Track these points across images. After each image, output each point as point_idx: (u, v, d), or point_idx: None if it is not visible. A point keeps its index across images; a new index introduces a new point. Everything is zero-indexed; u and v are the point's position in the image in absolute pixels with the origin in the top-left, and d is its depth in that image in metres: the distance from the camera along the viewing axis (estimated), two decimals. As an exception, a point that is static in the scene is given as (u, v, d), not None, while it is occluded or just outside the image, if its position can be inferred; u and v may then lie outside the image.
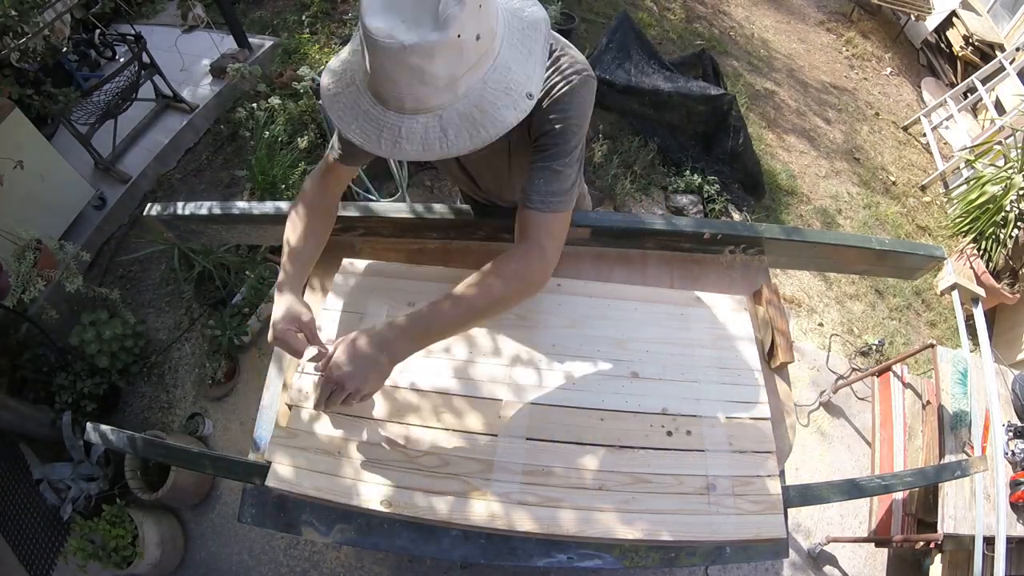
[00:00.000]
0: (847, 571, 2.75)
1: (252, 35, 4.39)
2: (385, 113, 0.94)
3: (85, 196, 3.39)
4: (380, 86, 0.92)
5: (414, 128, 0.93)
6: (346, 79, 0.99)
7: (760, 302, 1.60)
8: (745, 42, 5.33)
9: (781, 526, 1.18)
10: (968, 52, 5.22)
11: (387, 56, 0.86)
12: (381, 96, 0.94)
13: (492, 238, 1.59)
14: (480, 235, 1.59)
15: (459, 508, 1.14)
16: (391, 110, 0.94)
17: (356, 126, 0.96)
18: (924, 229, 4.22)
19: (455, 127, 0.93)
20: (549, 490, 1.17)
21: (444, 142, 0.94)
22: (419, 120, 0.93)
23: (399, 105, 0.93)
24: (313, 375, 1.31)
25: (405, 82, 0.90)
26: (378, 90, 0.93)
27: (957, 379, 2.59)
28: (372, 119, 0.95)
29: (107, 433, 1.27)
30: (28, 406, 2.71)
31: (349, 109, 0.97)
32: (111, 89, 3.49)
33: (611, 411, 1.28)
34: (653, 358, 1.31)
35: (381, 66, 0.88)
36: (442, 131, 0.93)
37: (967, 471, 1.46)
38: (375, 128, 0.95)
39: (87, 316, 2.78)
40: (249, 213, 1.58)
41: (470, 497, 1.15)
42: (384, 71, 0.89)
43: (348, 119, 0.97)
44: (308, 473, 1.17)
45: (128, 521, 2.44)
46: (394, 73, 0.89)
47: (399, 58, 0.86)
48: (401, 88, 0.90)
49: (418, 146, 0.94)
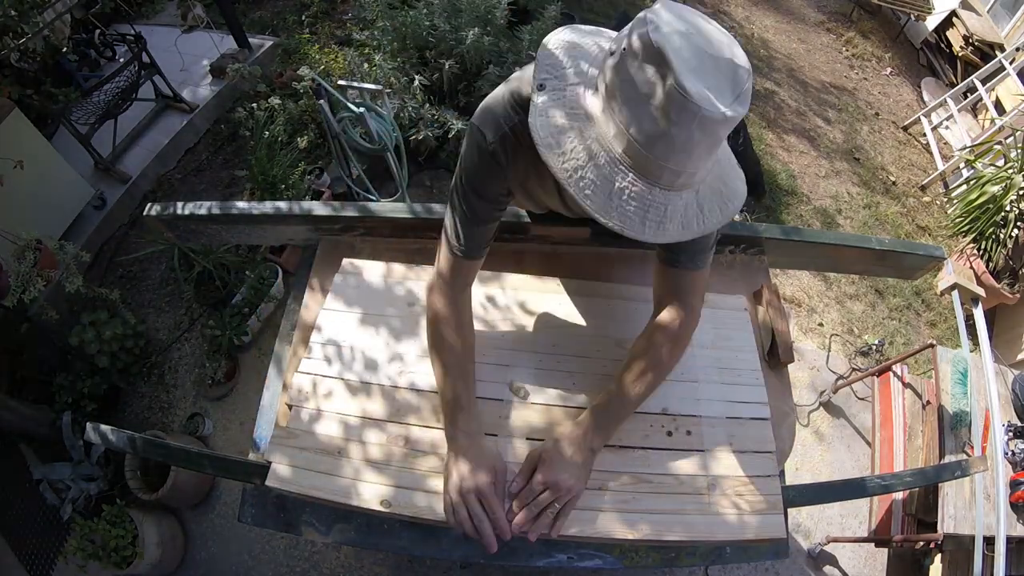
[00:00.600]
0: (847, 571, 2.75)
1: (252, 35, 4.38)
2: (651, 191, 0.82)
3: (85, 196, 3.38)
4: (664, 158, 0.79)
5: (677, 206, 0.84)
6: (582, 150, 0.84)
7: (760, 302, 1.60)
8: (745, 42, 5.32)
9: (781, 526, 1.18)
10: (968, 52, 5.22)
11: (702, 126, 0.76)
12: (653, 170, 0.81)
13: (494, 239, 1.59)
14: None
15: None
16: (659, 187, 0.82)
17: (613, 208, 0.83)
18: (924, 229, 4.22)
19: (708, 202, 0.88)
20: (549, 490, 1.17)
21: (700, 219, 0.87)
22: (683, 197, 0.85)
23: (672, 181, 0.82)
24: (311, 375, 1.31)
25: (698, 154, 0.80)
26: (657, 163, 0.80)
27: (957, 379, 2.59)
28: (636, 199, 0.82)
29: (107, 433, 1.27)
30: (28, 406, 2.71)
31: (599, 189, 0.83)
32: (111, 89, 3.49)
33: None
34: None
35: (687, 136, 0.77)
36: (699, 207, 0.87)
37: (967, 471, 1.46)
38: (639, 209, 0.83)
39: (87, 316, 2.78)
40: (249, 213, 1.58)
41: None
42: (686, 141, 0.77)
43: (600, 200, 0.83)
44: (308, 473, 1.17)
45: (128, 521, 2.43)
46: (696, 144, 0.78)
47: (712, 129, 0.77)
48: (691, 161, 0.80)
49: (678, 226, 0.85)
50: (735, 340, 1.44)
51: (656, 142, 0.78)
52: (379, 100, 2.87)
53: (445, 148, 3.64)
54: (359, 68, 3.45)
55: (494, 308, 1.44)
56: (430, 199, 3.67)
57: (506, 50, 3.62)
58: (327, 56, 4.19)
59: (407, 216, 1.53)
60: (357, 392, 1.28)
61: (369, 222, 1.55)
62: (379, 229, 1.59)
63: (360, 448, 1.21)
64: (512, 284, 1.49)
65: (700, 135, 0.77)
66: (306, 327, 1.46)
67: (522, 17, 3.82)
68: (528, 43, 3.60)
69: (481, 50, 3.48)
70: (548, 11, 3.62)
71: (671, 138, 0.77)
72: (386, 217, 1.53)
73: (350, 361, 1.33)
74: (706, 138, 0.78)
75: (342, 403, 1.27)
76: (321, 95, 2.70)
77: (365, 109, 2.72)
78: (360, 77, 3.41)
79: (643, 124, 0.78)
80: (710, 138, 0.78)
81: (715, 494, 1.18)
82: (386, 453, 1.20)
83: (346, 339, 1.37)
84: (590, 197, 0.83)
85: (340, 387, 1.29)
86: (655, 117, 0.77)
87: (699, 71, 0.75)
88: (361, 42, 3.87)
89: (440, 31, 3.53)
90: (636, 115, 0.78)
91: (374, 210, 1.53)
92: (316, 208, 1.54)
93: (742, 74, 0.78)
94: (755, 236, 1.62)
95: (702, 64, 0.75)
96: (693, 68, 0.75)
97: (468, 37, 3.38)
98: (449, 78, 3.55)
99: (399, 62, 3.54)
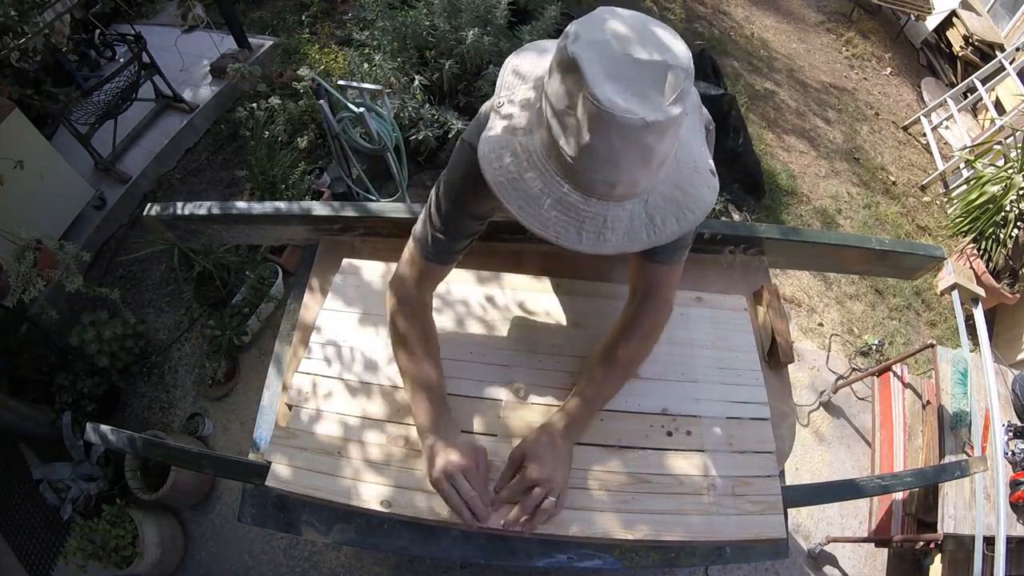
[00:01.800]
0: (847, 571, 2.75)
1: (252, 35, 4.38)
2: (587, 202, 0.81)
3: (85, 196, 3.39)
4: (593, 170, 0.78)
5: (620, 216, 0.83)
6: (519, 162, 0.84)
7: (760, 302, 1.60)
8: (745, 42, 5.33)
9: (781, 526, 1.18)
10: (968, 52, 5.21)
11: (620, 134, 0.74)
12: (585, 182, 0.80)
13: (491, 238, 1.59)
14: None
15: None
16: (595, 198, 0.81)
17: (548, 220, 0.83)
18: (924, 229, 4.22)
19: (660, 211, 0.85)
20: (548, 490, 1.17)
21: (651, 229, 0.85)
22: (625, 207, 0.83)
23: (607, 192, 0.80)
24: (311, 375, 1.31)
25: (627, 164, 0.77)
26: (587, 175, 0.79)
27: (957, 379, 2.59)
28: (569, 210, 0.82)
29: (107, 433, 1.27)
30: (28, 406, 2.71)
31: (533, 200, 0.83)
32: (111, 89, 3.49)
33: (611, 411, 1.28)
34: (653, 358, 1.30)
35: (607, 145, 0.75)
36: (648, 217, 0.84)
37: (966, 471, 1.46)
38: (575, 221, 0.82)
39: (87, 316, 2.78)
40: (248, 213, 1.58)
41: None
42: (609, 151, 0.76)
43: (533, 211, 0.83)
44: (307, 473, 1.18)
45: (128, 521, 2.43)
46: (620, 154, 0.76)
47: (634, 137, 0.74)
48: (620, 172, 0.78)
49: (623, 237, 0.83)
50: (735, 340, 1.44)
51: (582, 155, 0.77)
52: (379, 100, 2.86)
53: (445, 148, 3.64)
54: (359, 68, 3.45)
55: (493, 308, 1.44)
56: (430, 199, 3.67)
57: (506, 50, 3.61)
58: (327, 56, 4.19)
59: (406, 216, 1.52)
60: (357, 392, 1.28)
61: (369, 222, 1.55)
62: (379, 229, 1.59)
63: (360, 448, 1.21)
64: (511, 284, 1.49)
65: (622, 143, 0.75)
66: (306, 327, 1.47)
67: (522, 17, 3.82)
68: (528, 43, 3.59)
69: (481, 50, 3.48)
70: (548, 11, 3.62)
71: (593, 149, 0.76)
72: (386, 217, 1.53)
73: (350, 361, 1.33)
74: (630, 146, 0.75)
75: (342, 403, 1.27)
76: (321, 95, 2.69)
77: (365, 109, 2.72)
78: (360, 77, 3.41)
79: (568, 137, 0.77)
80: (635, 146, 0.75)
81: (715, 494, 1.18)
82: (386, 453, 1.20)
83: (346, 339, 1.37)
84: (524, 208, 0.83)
85: (340, 387, 1.30)
86: (577, 129, 0.76)
87: (617, 78, 0.74)
88: (361, 42, 3.87)
89: (440, 31, 3.52)
90: (563, 128, 0.78)
91: (373, 210, 1.53)
92: (315, 208, 1.54)
93: (676, 74, 0.76)
94: (755, 236, 1.62)
95: (620, 70, 0.75)
96: (610, 75, 0.74)
97: (468, 37, 3.38)
98: (449, 78, 3.54)
99: (399, 62, 3.54)
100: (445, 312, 1.42)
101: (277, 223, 1.62)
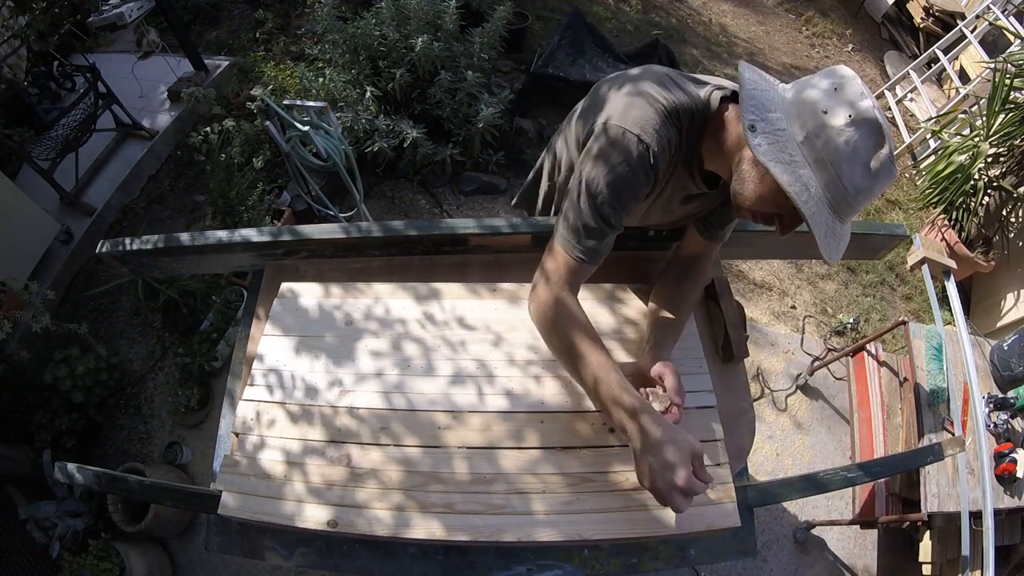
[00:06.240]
0: (838, 553, 2.75)
1: (208, 56, 4.36)
2: (840, 224, 1.02)
3: (51, 232, 3.36)
4: (857, 203, 0.99)
5: (846, 231, 1.04)
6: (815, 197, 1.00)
7: (711, 296, 1.59)
8: (704, 29, 5.33)
9: (734, 515, 1.17)
10: (929, 23, 5.23)
11: (887, 182, 0.99)
12: (844, 210, 1.00)
13: (433, 251, 1.59)
14: (420, 250, 1.59)
15: (403, 522, 1.14)
16: (840, 220, 1.02)
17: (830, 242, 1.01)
18: (894, 203, 4.23)
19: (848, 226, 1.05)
20: (492, 497, 1.17)
21: (846, 241, 1.05)
22: (846, 226, 1.04)
23: (850, 216, 1.03)
24: (255, 402, 1.31)
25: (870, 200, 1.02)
26: (850, 206, 1.00)
27: (932, 355, 2.58)
28: (832, 232, 1.01)
29: (74, 472, 1.28)
30: (8, 447, 2.70)
31: (823, 227, 1.00)
32: (69, 123, 3.46)
33: (551, 412, 1.28)
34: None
35: (879, 189, 1.00)
36: (845, 232, 1.04)
37: (940, 455, 1.42)
38: (835, 240, 1.02)
39: (59, 353, 2.76)
40: (194, 245, 1.57)
41: (413, 511, 1.15)
42: (874, 193, 1.00)
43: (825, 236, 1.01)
44: (255, 499, 1.18)
45: (115, 554, 2.44)
46: (875, 194, 1.01)
47: (888, 183, 0.99)
48: (867, 204, 1.03)
49: (844, 248, 1.05)
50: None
51: (860, 193, 0.98)
52: (324, 117, 2.83)
53: (403, 158, 3.63)
54: (313, 83, 3.43)
55: (432, 323, 1.43)
56: (391, 209, 3.67)
57: (459, 54, 3.61)
58: (283, 72, 4.16)
59: (343, 236, 1.51)
60: (298, 418, 1.28)
61: (309, 244, 1.54)
62: (321, 250, 1.58)
63: (303, 472, 1.20)
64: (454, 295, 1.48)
65: (881, 188, 1.00)
66: (253, 356, 1.46)
67: (473, 20, 3.79)
68: (480, 46, 3.58)
69: (432, 56, 3.46)
70: (498, 12, 3.59)
71: (871, 191, 0.99)
72: (323, 239, 1.52)
73: (291, 387, 1.32)
74: (882, 188, 1.01)
75: (284, 429, 1.27)
76: (270, 115, 2.68)
77: (311, 127, 2.70)
78: (314, 92, 3.39)
79: (855, 179, 0.96)
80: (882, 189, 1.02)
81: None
82: (328, 475, 1.20)
83: (286, 365, 1.36)
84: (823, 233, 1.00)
85: (282, 414, 1.29)
86: (867, 175, 0.96)
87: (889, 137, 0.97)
88: (314, 56, 3.85)
89: (390, 40, 3.50)
90: (850, 170, 0.96)
91: (309, 233, 1.51)
92: (253, 236, 1.52)
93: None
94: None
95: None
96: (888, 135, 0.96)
97: (417, 44, 3.35)
98: (402, 86, 3.52)
99: (352, 74, 3.52)
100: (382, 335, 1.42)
101: (223, 252, 1.60)
